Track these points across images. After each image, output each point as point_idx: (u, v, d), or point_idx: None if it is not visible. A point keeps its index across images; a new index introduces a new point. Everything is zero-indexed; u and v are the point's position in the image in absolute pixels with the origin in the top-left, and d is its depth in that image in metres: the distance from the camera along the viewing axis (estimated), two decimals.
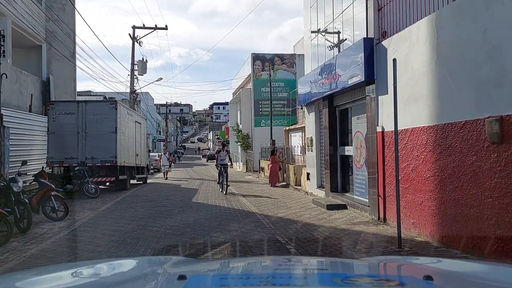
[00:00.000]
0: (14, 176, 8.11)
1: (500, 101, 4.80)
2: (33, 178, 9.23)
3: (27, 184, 10.99)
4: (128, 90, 28.80)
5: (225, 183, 13.42)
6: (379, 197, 7.83)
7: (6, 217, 6.71)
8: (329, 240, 6.45)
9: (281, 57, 28.21)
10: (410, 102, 6.73)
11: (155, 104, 63.38)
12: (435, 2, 6.42)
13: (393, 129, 6.36)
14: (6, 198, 7.68)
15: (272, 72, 26.30)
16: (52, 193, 8.83)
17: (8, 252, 6.03)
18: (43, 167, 11.70)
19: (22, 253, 5.99)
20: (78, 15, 20.62)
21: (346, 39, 9.54)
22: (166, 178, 21.15)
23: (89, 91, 45.76)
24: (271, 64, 27.42)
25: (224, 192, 13.25)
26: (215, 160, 14.76)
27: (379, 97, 7.81)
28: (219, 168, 14.20)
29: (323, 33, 11.06)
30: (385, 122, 7.58)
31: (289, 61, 27.94)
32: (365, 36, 8.13)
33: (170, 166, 24.17)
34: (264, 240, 6.51)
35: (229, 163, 14.49)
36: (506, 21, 4.70)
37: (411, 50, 6.67)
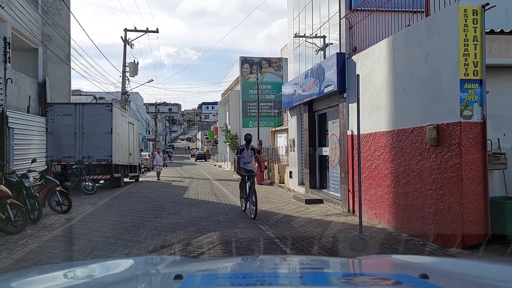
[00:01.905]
0: (25, 172, 9.02)
1: (437, 113, 5.96)
2: (40, 174, 10.13)
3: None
4: (117, 89, 29.70)
5: (253, 202, 8.55)
6: (349, 192, 8.97)
7: (22, 208, 7.66)
8: (303, 227, 7.55)
9: (269, 60, 29.34)
10: (373, 110, 7.87)
11: (144, 104, 63.94)
12: (394, 26, 7.57)
13: (364, 133, 7.62)
14: (18, 192, 8.57)
15: (259, 75, 27.40)
16: (57, 189, 9.77)
17: (26, 238, 6.98)
18: (49, 165, 12.60)
19: (39, 238, 6.94)
20: (72, 17, 21.28)
21: (330, 43, 10.63)
22: (159, 179, 20.20)
23: (78, 90, 46.15)
24: (258, 67, 28.51)
25: (252, 215, 8.48)
26: (236, 164, 9.84)
27: (350, 104, 8.95)
28: (241, 176, 9.26)
29: (306, 38, 12.17)
30: (355, 127, 8.67)
31: (276, 64, 29.09)
32: (338, 51, 9.27)
33: (164, 166, 22.44)
34: (248, 228, 7.58)
35: (258, 170, 9.89)
36: (442, 49, 5.86)
37: (374, 66, 7.82)
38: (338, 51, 9.29)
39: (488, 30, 6.26)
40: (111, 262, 2.03)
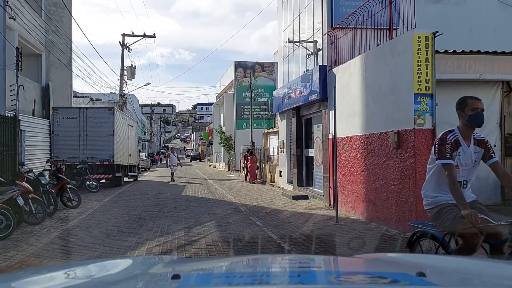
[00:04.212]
0: (41, 171, 10.07)
1: (398, 120, 7.13)
2: (52, 173, 11.17)
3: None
4: (112, 91, 30.85)
5: None
6: (330, 189, 10.12)
7: (41, 202, 8.71)
8: (288, 219, 8.70)
9: (262, 65, 30.49)
10: (350, 116, 9.03)
11: (139, 105, 64.81)
12: (369, 42, 8.74)
13: (342, 136, 8.79)
14: (35, 188, 9.62)
15: (253, 79, 28.52)
16: (68, 186, 10.83)
17: (47, 228, 8.04)
18: (60, 165, 13.70)
19: (59, 228, 8.01)
20: (73, 23, 22.23)
21: (318, 49, 11.81)
22: (173, 180, 19.47)
23: (73, 91, 46.77)
24: (252, 72, 29.63)
25: None
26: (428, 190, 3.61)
27: (330, 111, 10.09)
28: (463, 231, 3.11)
29: (294, 49, 13.34)
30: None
31: (269, 69, 30.24)
32: (321, 64, 10.43)
33: (179, 165, 21.39)
34: (240, 219, 8.71)
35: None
36: (401, 68, 7.03)
37: (350, 78, 8.98)
38: (321, 64, 10.45)
39: (443, 50, 7.48)
40: (108, 262, 2.03)
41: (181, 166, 22.36)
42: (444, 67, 7.50)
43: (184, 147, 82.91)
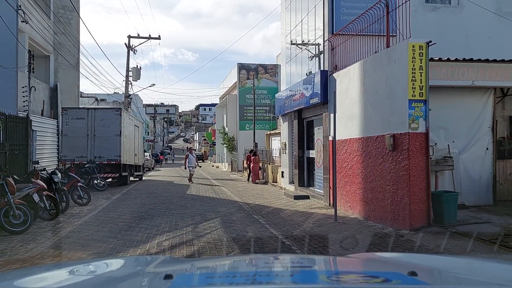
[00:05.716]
0: (54, 169, 10.54)
1: (394, 124, 7.54)
2: (63, 172, 11.63)
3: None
4: (116, 91, 31.46)
5: None
6: (330, 189, 10.53)
7: (55, 199, 9.17)
8: (289, 217, 9.12)
9: (265, 67, 30.93)
10: (349, 120, 9.45)
11: (143, 105, 65.39)
12: (368, 49, 9.16)
13: (341, 138, 9.21)
14: (48, 186, 10.08)
15: (256, 81, 28.95)
16: (79, 184, 11.29)
17: (61, 223, 8.50)
18: (71, 165, 14.22)
19: (72, 223, 8.46)
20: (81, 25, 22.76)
21: (320, 52, 12.24)
22: (191, 181, 19.08)
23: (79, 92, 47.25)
24: (255, 74, 30.06)
25: None
26: None
27: (331, 114, 10.51)
28: None
29: (300, 46, 13.77)
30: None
31: (272, 71, 30.68)
32: (322, 69, 10.85)
33: (197, 166, 20.83)
34: (244, 217, 9.14)
35: None
36: (396, 75, 7.44)
37: (350, 83, 9.40)
38: (322, 68, 10.88)
39: (437, 58, 7.90)
40: (101, 262, 2.05)
41: (200, 167, 22.03)
42: (438, 74, 7.91)
43: (187, 147, 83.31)
